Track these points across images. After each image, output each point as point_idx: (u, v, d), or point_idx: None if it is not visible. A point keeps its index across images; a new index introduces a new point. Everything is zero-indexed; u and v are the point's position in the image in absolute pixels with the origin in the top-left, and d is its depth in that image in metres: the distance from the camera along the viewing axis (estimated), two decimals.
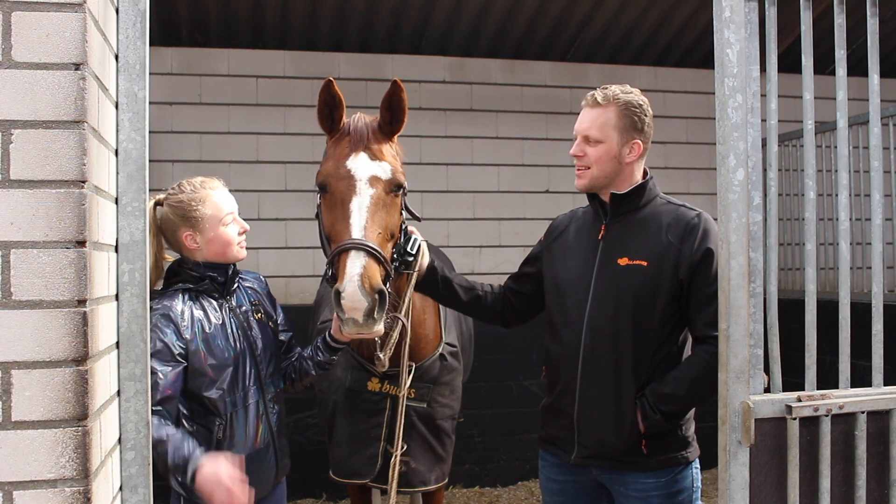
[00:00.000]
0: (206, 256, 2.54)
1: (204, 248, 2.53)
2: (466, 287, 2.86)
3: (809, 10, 2.27)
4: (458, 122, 6.08)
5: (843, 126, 2.30)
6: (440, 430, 3.12)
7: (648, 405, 2.44)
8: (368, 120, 2.67)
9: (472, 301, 2.86)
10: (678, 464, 2.53)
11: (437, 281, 2.81)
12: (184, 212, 2.52)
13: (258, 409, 2.56)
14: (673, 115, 6.38)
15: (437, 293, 2.87)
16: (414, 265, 2.73)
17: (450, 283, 2.83)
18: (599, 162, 2.55)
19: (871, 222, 2.33)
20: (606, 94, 2.55)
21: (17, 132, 1.54)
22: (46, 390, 1.54)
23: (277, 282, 5.60)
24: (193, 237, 2.53)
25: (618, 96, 2.53)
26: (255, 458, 2.54)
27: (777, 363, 2.21)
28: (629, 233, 2.57)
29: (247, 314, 2.62)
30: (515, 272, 2.95)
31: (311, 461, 4.80)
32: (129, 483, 1.79)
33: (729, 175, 2.11)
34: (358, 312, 2.33)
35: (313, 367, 2.74)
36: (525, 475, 5.93)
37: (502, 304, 2.89)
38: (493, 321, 2.95)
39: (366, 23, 5.69)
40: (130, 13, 1.79)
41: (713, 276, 2.40)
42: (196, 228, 2.52)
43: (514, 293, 2.89)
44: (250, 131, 5.71)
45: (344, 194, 2.52)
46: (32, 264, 1.54)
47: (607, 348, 2.50)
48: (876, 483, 2.22)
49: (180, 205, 2.53)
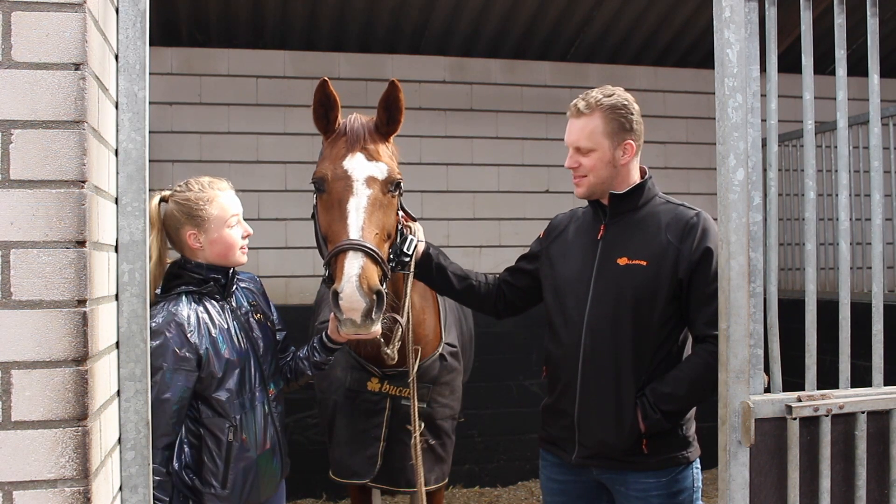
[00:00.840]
0: (208, 257, 2.53)
1: (207, 248, 2.52)
2: (460, 275, 2.87)
3: (809, 10, 2.27)
4: (458, 122, 6.07)
5: (843, 126, 2.30)
6: (440, 430, 3.12)
7: (648, 404, 2.44)
8: (365, 120, 2.67)
9: (465, 289, 2.87)
10: (679, 463, 2.53)
11: (431, 267, 2.82)
12: (190, 210, 2.51)
13: (264, 409, 2.55)
14: (673, 115, 6.38)
15: (431, 279, 2.87)
16: (410, 265, 2.73)
17: (443, 270, 2.84)
18: (595, 170, 2.55)
19: (871, 222, 2.33)
20: (589, 101, 2.53)
21: (17, 132, 1.54)
22: (46, 390, 1.54)
23: (277, 282, 5.60)
24: (197, 236, 2.51)
25: (601, 102, 2.52)
26: (265, 460, 2.53)
27: (777, 363, 2.20)
28: (628, 232, 2.57)
29: (247, 315, 2.61)
30: (512, 266, 2.96)
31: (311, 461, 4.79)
32: (129, 483, 1.79)
33: (729, 175, 2.10)
34: (356, 313, 2.33)
35: (309, 368, 2.73)
36: (525, 475, 5.92)
37: (496, 295, 2.90)
38: (484, 311, 2.96)
39: (366, 23, 5.69)
40: (130, 13, 1.79)
41: (712, 275, 2.40)
42: (201, 228, 2.51)
43: (508, 286, 2.90)
44: (250, 131, 5.71)
45: (341, 195, 2.52)
46: (32, 264, 1.54)
47: (607, 348, 2.50)
48: (876, 483, 2.22)
49: (187, 203, 2.51)
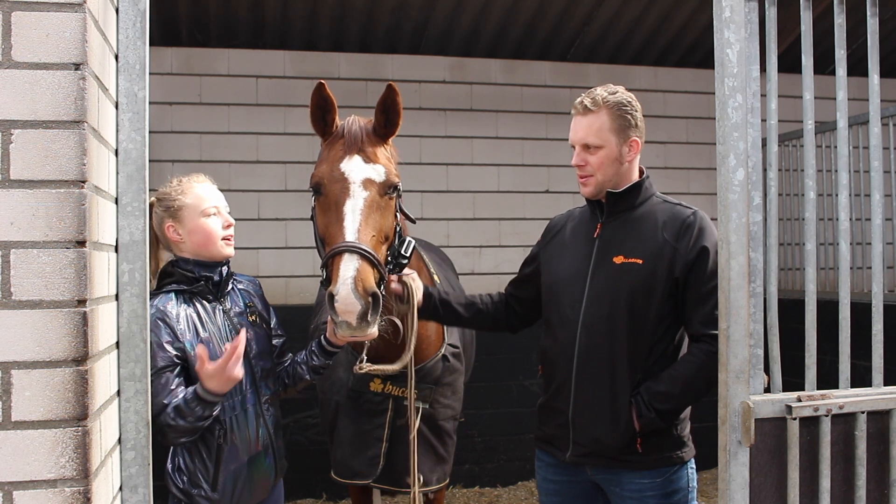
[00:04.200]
0: (191, 249, 2.52)
1: (186, 239, 2.52)
2: (466, 304, 2.89)
3: (809, 10, 2.27)
4: (458, 122, 6.07)
5: (843, 126, 2.30)
6: (442, 431, 3.12)
7: (643, 403, 2.44)
8: (363, 122, 2.67)
9: (474, 316, 2.89)
10: (673, 463, 2.52)
11: (436, 306, 2.84)
12: (167, 203, 2.54)
13: (256, 412, 2.54)
14: (673, 115, 6.38)
15: (439, 317, 2.91)
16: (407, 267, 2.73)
17: (448, 305, 2.86)
18: (602, 167, 2.55)
19: (871, 222, 2.34)
20: (595, 98, 2.54)
21: (17, 132, 1.54)
22: (46, 390, 1.54)
23: (277, 282, 5.60)
24: (175, 228, 2.52)
25: (606, 99, 2.53)
26: (256, 462, 2.53)
27: (777, 363, 2.20)
28: (625, 231, 2.57)
29: (240, 316, 2.60)
30: (515, 277, 2.95)
31: (311, 461, 4.80)
32: (129, 483, 1.79)
33: (729, 175, 2.11)
34: (351, 315, 2.33)
35: (307, 372, 2.72)
36: (525, 475, 5.92)
37: (506, 311, 2.91)
38: (499, 330, 2.98)
39: (366, 23, 5.69)
40: (130, 13, 1.79)
41: (709, 274, 2.40)
42: (176, 219, 2.52)
43: (515, 299, 2.91)
44: (250, 131, 5.71)
45: (338, 197, 2.51)
46: (32, 264, 1.54)
47: (602, 346, 2.50)
48: (876, 483, 2.22)
49: (165, 197, 2.55)
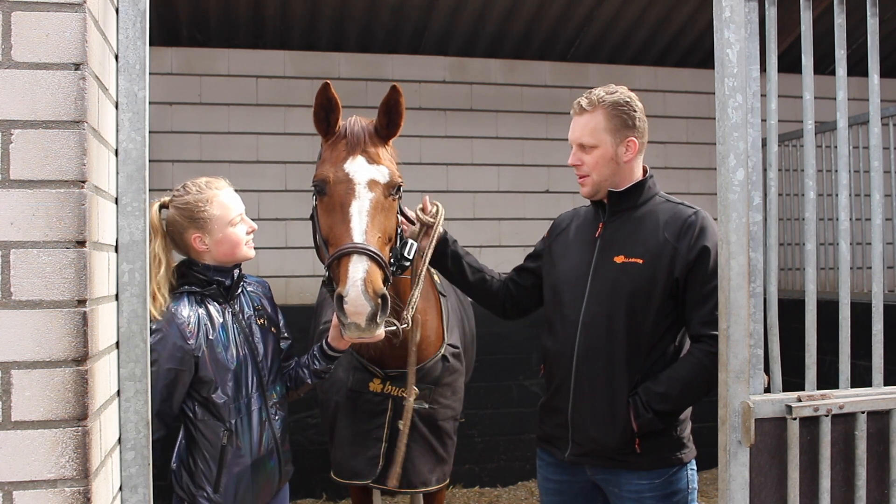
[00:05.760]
0: (215, 257, 2.52)
1: (213, 249, 2.51)
2: (475, 267, 2.87)
3: (809, 10, 2.27)
4: (458, 122, 6.07)
5: (843, 126, 2.30)
6: (442, 431, 3.12)
7: (641, 403, 2.44)
8: (365, 123, 2.66)
9: (477, 282, 2.87)
10: (672, 464, 2.52)
11: (447, 254, 2.82)
12: (191, 213, 2.49)
13: (261, 415, 2.54)
14: (673, 115, 6.38)
15: (445, 267, 2.87)
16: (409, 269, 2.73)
17: (459, 260, 2.84)
18: (597, 167, 2.55)
19: (871, 222, 2.33)
20: (591, 98, 2.55)
21: (17, 132, 1.54)
22: (46, 390, 1.54)
23: (277, 282, 5.60)
24: (202, 238, 2.50)
25: (603, 98, 2.54)
26: (260, 465, 2.53)
27: (777, 363, 2.20)
28: (626, 230, 2.57)
29: (249, 319, 2.60)
30: (518, 265, 2.97)
31: (311, 461, 4.79)
32: (129, 483, 1.79)
33: (729, 175, 2.10)
34: (361, 317, 2.32)
35: (309, 376, 2.72)
36: (525, 475, 5.92)
37: (504, 293, 2.91)
38: (492, 309, 2.96)
39: (366, 23, 5.68)
40: (130, 13, 1.79)
41: (709, 274, 2.40)
42: (204, 230, 2.49)
43: (515, 285, 2.91)
44: (250, 131, 5.71)
45: (343, 198, 2.50)
46: (32, 264, 1.54)
47: (602, 346, 2.50)
48: (876, 483, 2.22)
49: (187, 206, 2.50)
